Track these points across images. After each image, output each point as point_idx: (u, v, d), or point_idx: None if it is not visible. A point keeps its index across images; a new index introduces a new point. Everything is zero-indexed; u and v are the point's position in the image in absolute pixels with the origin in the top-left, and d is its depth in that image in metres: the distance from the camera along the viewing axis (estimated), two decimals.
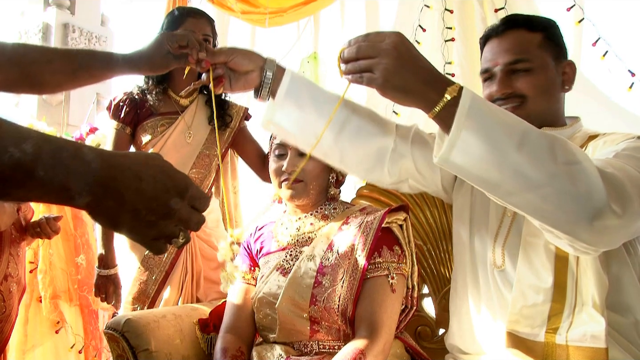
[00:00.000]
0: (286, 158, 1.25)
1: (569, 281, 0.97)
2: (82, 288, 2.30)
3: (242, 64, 1.00)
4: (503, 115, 0.84)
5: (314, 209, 1.30)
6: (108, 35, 3.89)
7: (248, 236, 1.40)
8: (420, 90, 0.82)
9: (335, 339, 1.17)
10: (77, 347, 2.26)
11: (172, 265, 1.68)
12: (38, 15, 3.68)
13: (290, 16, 2.69)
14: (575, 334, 0.94)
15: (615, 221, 0.81)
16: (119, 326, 1.26)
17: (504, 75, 1.10)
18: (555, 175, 0.79)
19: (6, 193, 0.51)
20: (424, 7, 2.13)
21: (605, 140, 1.02)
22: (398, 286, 1.16)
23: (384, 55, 0.82)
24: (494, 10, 1.97)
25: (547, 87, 1.08)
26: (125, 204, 0.56)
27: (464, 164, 0.82)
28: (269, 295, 1.22)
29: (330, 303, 1.14)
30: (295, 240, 1.28)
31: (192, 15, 1.70)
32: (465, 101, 0.80)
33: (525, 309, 0.99)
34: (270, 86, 1.02)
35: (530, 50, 1.08)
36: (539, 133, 0.82)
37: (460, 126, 0.79)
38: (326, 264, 1.17)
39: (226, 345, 1.21)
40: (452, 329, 1.22)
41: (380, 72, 0.82)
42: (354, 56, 0.85)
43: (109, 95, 3.88)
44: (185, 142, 1.71)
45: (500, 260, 1.09)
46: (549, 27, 1.12)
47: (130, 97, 1.72)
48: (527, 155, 0.79)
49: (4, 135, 0.49)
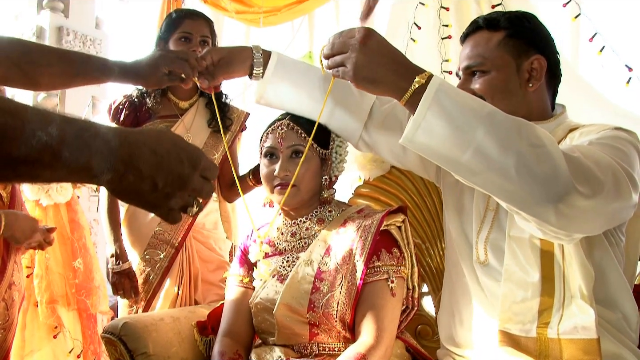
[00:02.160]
0: (278, 161, 1.22)
1: (556, 275, 0.98)
2: (80, 292, 2.28)
3: (236, 71, 1.17)
4: (470, 100, 0.88)
5: (308, 212, 1.27)
6: (102, 38, 3.87)
7: (245, 239, 1.39)
8: (389, 79, 0.90)
9: (335, 341, 1.16)
10: (76, 352, 2.24)
11: (170, 263, 1.68)
12: (32, 19, 3.66)
13: (284, 15, 2.69)
14: (566, 327, 0.95)
15: (582, 202, 0.82)
16: (116, 330, 1.24)
17: (464, 79, 1.14)
18: (519, 156, 0.82)
19: (36, 175, 0.55)
20: (419, 5, 2.12)
21: (582, 132, 1.03)
22: (398, 289, 1.14)
23: (353, 50, 0.90)
24: (491, 7, 1.96)
25: (504, 87, 1.09)
26: (144, 178, 0.60)
27: (429, 144, 0.87)
28: (266, 301, 1.20)
29: (329, 309, 1.12)
30: (291, 246, 1.25)
31: (189, 17, 1.70)
32: (432, 86, 0.86)
33: (514, 306, 1.00)
34: (262, 65, 1.16)
35: (485, 52, 1.10)
36: (505, 116, 0.86)
37: (425, 107, 0.85)
38: (324, 269, 1.16)
39: (223, 348, 1.19)
40: (442, 322, 1.25)
41: (351, 66, 0.90)
42: (330, 52, 0.95)
43: (104, 98, 3.87)
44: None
45: (483, 255, 1.11)
46: (513, 25, 1.10)
47: (129, 99, 1.72)
48: (492, 136, 0.83)
49: (32, 119, 0.52)
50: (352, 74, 0.91)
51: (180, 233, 1.69)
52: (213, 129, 1.75)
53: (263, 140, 1.28)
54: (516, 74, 1.09)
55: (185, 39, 1.67)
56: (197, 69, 1.16)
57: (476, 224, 1.14)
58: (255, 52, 1.17)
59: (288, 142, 1.22)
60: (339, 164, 1.28)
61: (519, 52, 1.09)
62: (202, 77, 1.16)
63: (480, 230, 1.12)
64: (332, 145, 1.26)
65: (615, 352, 0.97)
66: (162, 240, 1.69)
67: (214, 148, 1.76)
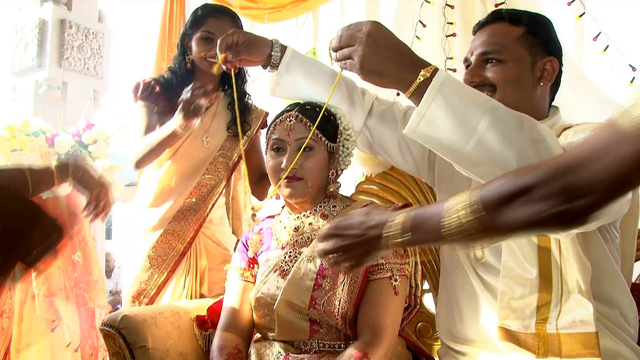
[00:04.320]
0: (285, 154, 1.20)
1: (553, 270, 0.99)
2: (79, 286, 2.27)
3: (255, 55, 1.22)
4: (474, 94, 0.90)
5: (312, 207, 1.25)
6: (105, 32, 3.85)
7: (247, 232, 1.38)
8: (395, 72, 0.92)
9: (335, 338, 1.15)
10: (74, 346, 2.23)
11: (178, 261, 1.66)
12: (35, 11, 3.64)
13: (289, 12, 2.68)
14: (564, 322, 0.96)
15: None
16: (115, 323, 1.23)
17: (476, 64, 1.15)
18: (520, 150, 0.84)
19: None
20: (424, 3, 2.11)
21: (576, 130, 1.05)
22: (401, 288, 1.14)
23: (360, 43, 0.93)
24: (495, 6, 1.95)
25: (517, 80, 1.11)
26: None
27: (431, 134, 0.89)
28: (267, 296, 1.19)
29: (331, 306, 1.11)
30: (294, 240, 1.24)
31: (213, 16, 1.68)
32: (437, 79, 0.87)
33: (513, 302, 1.01)
34: (279, 57, 1.22)
35: (505, 42, 1.11)
36: (508, 111, 0.88)
37: (429, 99, 0.87)
38: (327, 266, 1.14)
39: (223, 343, 1.19)
40: (441, 317, 1.25)
41: (358, 58, 0.93)
42: (338, 45, 0.97)
43: (105, 92, 3.86)
44: (202, 146, 1.67)
45: (480, 253, 1.12)
46: (533, 23, 1.13)
47: (157, 84, 1.70)
48: (494, 129, 0.84)
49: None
50: (359, 66, 0.94)
51: (191, 230, 1.68)
52: (232, 133, 1.74)
53: (270, 131, 1.26)
54: (530, 70, 1.12)
55: (207, 39, 1.65)
56: (224, 44, 1.20)
57: None
58: (274, 45, 1.22)
59: (296, 135, 1.20)
60: (346, 157, 1.27)
61: (535, 51, 1.12)
62: (227, 51, 1.20)
63: None
64: (339, 138, 1.25)
65: (613, 348, 0.98)
66: (173, 234, 1.67)
67: (232, 150, 1.75)
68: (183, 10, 3.02)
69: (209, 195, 1.70)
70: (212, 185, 1.71)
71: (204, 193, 1.70)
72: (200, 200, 1.69)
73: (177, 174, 1.68)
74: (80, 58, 3.66)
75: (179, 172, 1.68)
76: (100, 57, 3.79)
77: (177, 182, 1.68)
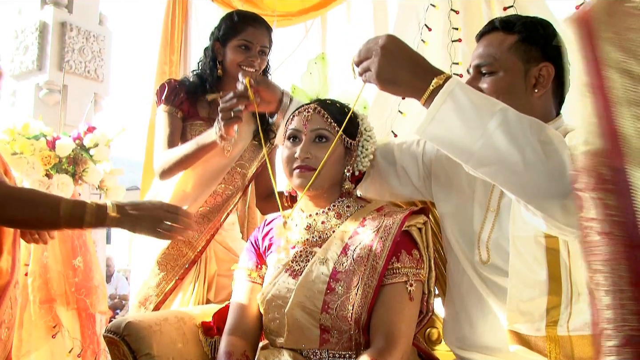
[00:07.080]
0: (300, 144, 1.20)
1: (562, 272, 0.99)
2: (80, 291, 2.24)
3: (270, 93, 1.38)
4: (484, 98, 0.94)
5: (326, 204, 1.23)
6: (106, 35, 3.82)
7: (256, 231, 1.35)
8: (409, 81, 0.96)
9: (346, 349, 1.12)
10: (76, 352, 2.20)
11: (188, 269, 1.64)
12: (35, 14, 3.62)
13: (297, 19, 2.70)
14: (576, 324, 0.97)
15: None
16: (119, 329, 1.21)
17: (472, 77, 1.17)
18: (528, 152, 0.85)
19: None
20: (429, 7, 2.10)
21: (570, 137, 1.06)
22: (416, 293, 1.11)
23: (375, 54, 0.98)
24: (503, 9, 1.94)
25: (510, 89, 1.12)
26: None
27: (441, 134, 0.92)
28: (278, 298, 1.16)
29: (344, 311, 1.08)
30: (305, 238, 1.21)
31: (252, 25, 1.66)
32: (449, 85, 0.91)
33: (522, 304, 1.01)
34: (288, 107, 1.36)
35: (497, 53, 1.13)
36: (516, 113, 0.90)
37: (440, 102, 0.90)
38: (340, 269, 1.12)
39: (230, 348, 1.16)
40: (449, 325, 1.23)
41: (374, 69, 0.98)
42: (358, 60, 1.03)
43: (106, 95, 3.84)
44: (222, 155, 1.64)
45: (485, 255, 1.12)
46: (528, 30, 1.13)
47: (183, 87, 1.68)
48: (503, 130, 0.87)
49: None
50: (375, 76, 0.98)
51: (202, 238, 1.66)
52: (254, 142, 1.72)
53: (288, 123, 1.25)
54: (523, 78, 1.12)
55: (245, 47, 1.64)
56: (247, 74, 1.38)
57: (477, 226, 1.15)
58: (285, 94, 1.40)
59: (313, 125, 1.20)
60: (364, 158, 1.25)
61: (529, 58, 1.12)
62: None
63: (482, 231, 1.14)
64: (359, 137, 1.24)
65: None
66: (184, 241, 1.64)
67: (250, 161, 1.73)
68: (185, 13, 3.00)
69: (224, 205, 1.69)
70: (227, 195, 1.70)
71: (219, 202, 1.69)
72: (215, 209, 1.68)
73: (193, 180, 1.66)
74: (81, 61, 3.64)
75: (196, 179, 1.66)
76: (101, 60, 3.77)
77: (193, 188, 1.66)
